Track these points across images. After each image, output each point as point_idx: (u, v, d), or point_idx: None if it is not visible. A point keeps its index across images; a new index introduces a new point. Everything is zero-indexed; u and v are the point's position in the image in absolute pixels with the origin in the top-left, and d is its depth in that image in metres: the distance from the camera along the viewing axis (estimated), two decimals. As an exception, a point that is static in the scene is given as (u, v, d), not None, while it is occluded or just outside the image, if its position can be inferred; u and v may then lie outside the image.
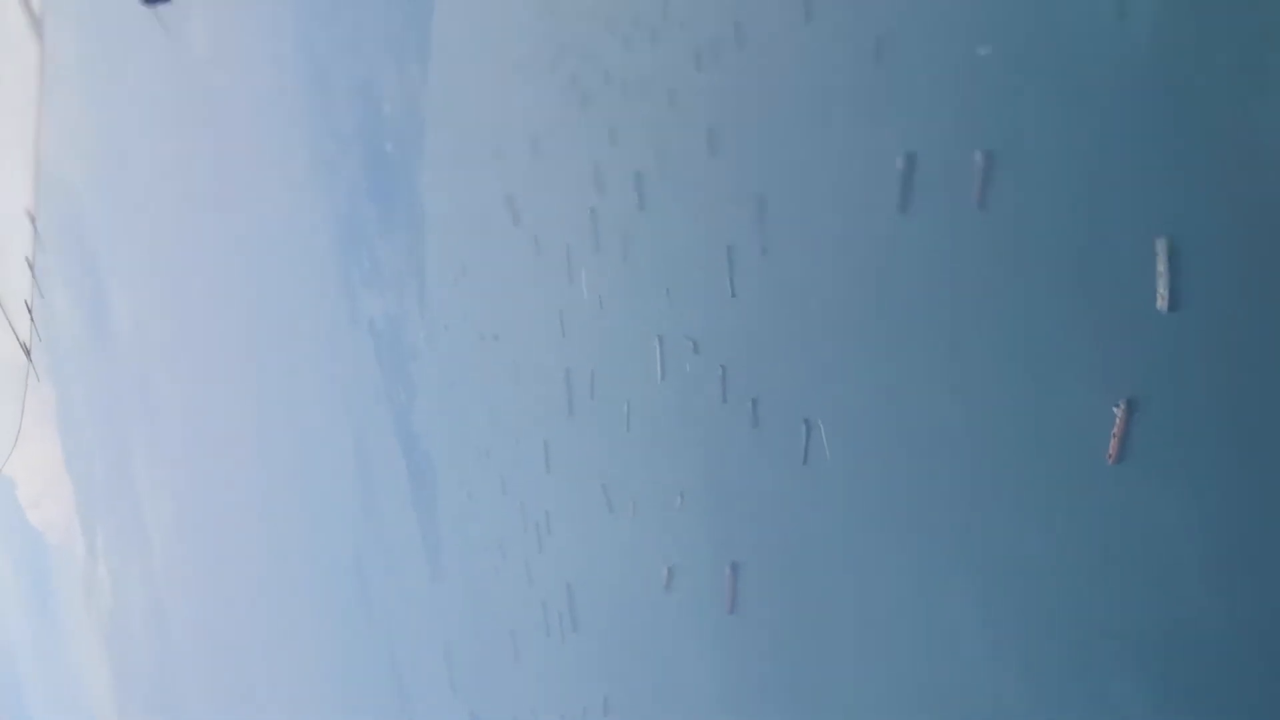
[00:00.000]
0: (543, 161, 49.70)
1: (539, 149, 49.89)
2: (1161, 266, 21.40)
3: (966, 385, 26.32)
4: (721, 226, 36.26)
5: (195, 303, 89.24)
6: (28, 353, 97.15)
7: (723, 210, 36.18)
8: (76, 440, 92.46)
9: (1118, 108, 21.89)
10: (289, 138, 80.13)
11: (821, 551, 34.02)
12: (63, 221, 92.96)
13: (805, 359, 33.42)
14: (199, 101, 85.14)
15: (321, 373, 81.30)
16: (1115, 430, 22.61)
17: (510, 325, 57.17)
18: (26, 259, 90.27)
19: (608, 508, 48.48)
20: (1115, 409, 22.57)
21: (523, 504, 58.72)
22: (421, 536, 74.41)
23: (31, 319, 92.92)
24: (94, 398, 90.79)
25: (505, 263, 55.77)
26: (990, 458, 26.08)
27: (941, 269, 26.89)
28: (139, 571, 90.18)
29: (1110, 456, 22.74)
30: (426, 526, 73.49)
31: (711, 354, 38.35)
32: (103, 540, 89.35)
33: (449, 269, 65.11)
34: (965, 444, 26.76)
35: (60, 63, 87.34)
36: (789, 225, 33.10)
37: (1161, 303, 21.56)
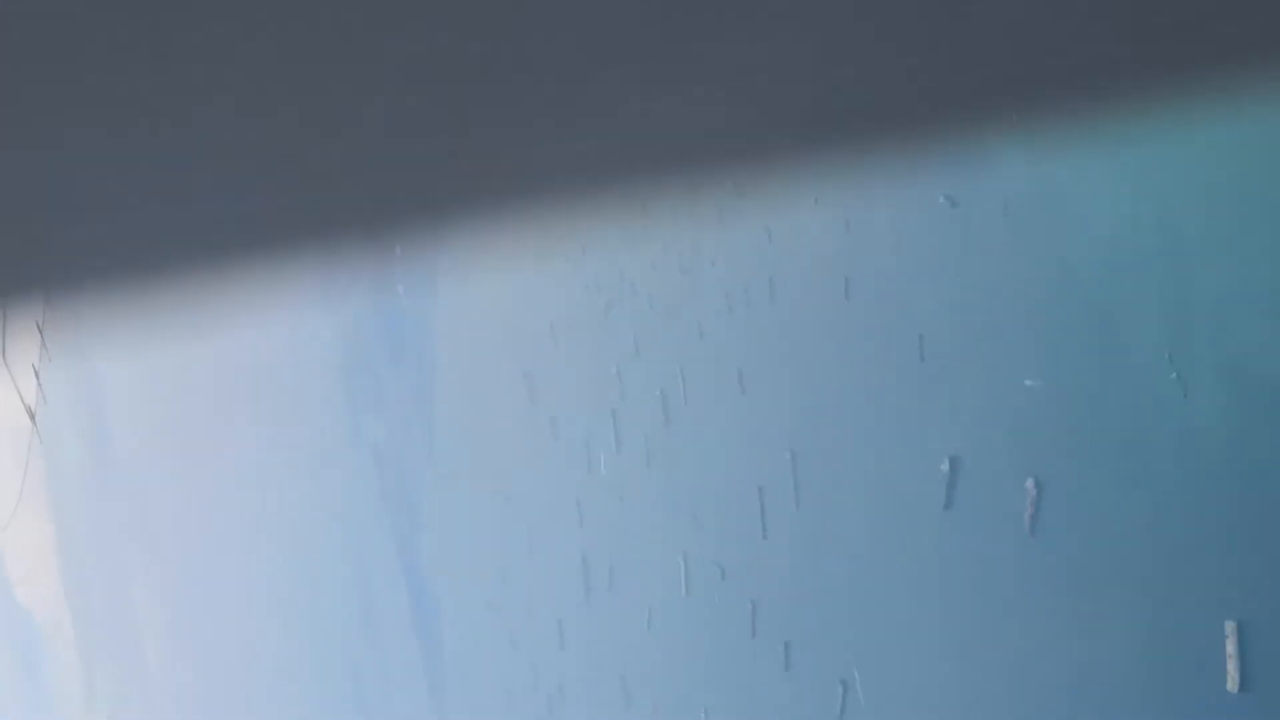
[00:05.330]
0: (562, 349, 49.53)
1: (558, 336, 49.73)
2: (1231, 649, 21.14)
3: (1024, 708, 25.95)
4: (752, 468, 36.02)
5: (192, 414, 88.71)
6: (32, 416, 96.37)
7: (754, 452, 35.95)
8: (77, 571, 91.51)
9: (1181, 483, 21.73)
10: (291, 247, 79.80)
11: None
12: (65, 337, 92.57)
13: (843, 618, 33.03)
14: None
15: (322, 493, 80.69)
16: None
17: (524, 492, 56.69)
18: (36, 324, 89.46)
19: (626, 702, 47.82)
20: (1182, 782, 22.27)
21: (534, 666, 58.02)
22: (424, 664, 73.62)
23: (38, 382, 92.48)
24: (93, 526, 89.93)
25: (520, 434, 55.43)
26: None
27: (991, 582, 26.63)
28: (137, 701, 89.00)
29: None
30: (431, 660, 72.67)
31: (741, 586, 37.94)
32: (101, 680, 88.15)
33: (460, 418, 64.73)
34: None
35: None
36: (824, 486, 32.86)
37: (1232, 684, 21.29)
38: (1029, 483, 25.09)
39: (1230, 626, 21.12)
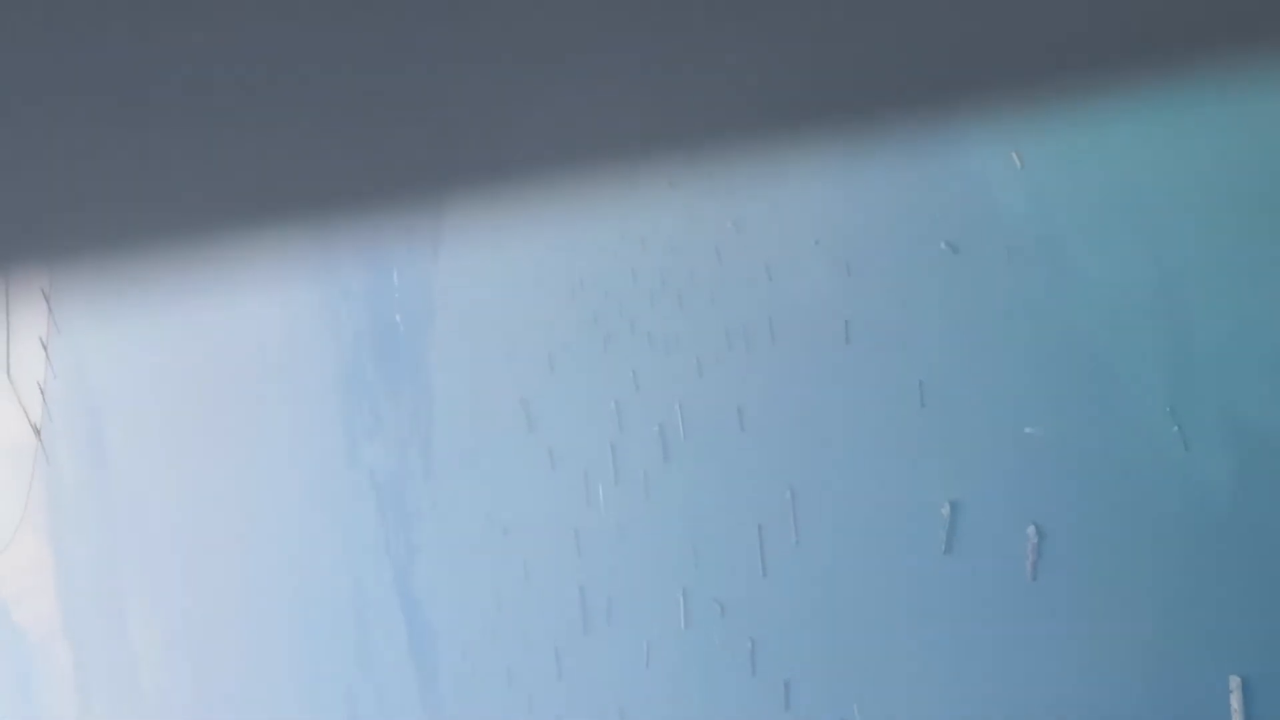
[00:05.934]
0: (560, 380, 49.43)
1: (556, 367, 49.66)
2: (1236, 704, 21.07)
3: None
4: (752, 504, 35.92)
5: (192, 440, 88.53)
6: (38, 433, 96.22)
7: (753, 489, 35.87)
8: (73, 600, 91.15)
9: (1184, 534, 21.70)
10: (289, 274, 79.75)
11: None
12: (67, 364, 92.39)
13: (843, 658, 32.90)
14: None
15: (319, 521, 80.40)
16: None
17: (521, 522, 56.43)
18: (40, 339, 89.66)
19: (624, 736, 47.58)
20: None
21: (531, 697, 57.65)
22: (420, 693, 73.20)
23: (44, 400, 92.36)
24: (90, 548, 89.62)
25: (517, 464, 55.25)
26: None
27: (991, 627, 26.54)
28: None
29: None
30: (427, 689, 72.27)
31: (740, 623, 37.78)
32: (96, 701, 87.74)
33: (457, 448, 64.52)
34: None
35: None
36: (824, 526, 32.77)
37: (1236, 738, 21.24)
38: (1030, 529, 25.05)
39: (1235, 682, 21.06)
